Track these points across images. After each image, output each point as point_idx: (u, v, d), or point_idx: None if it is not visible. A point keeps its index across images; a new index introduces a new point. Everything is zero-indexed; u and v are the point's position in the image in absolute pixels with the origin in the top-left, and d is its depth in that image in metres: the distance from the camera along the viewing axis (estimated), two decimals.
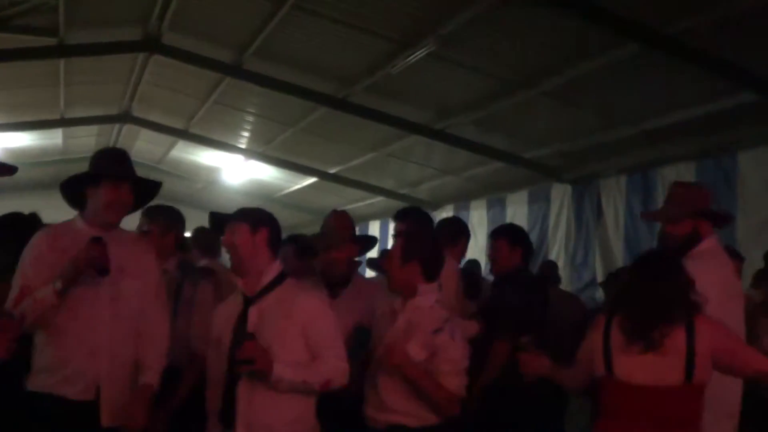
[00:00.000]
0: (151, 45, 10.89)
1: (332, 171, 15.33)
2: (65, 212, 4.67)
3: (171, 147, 17.08)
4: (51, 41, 10.01)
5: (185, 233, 5.99)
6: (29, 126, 14.64)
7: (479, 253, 10.64)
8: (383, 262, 5.87)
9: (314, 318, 4.28)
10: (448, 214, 14.26)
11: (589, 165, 10.68)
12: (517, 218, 12.14)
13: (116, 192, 4.45)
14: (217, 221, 4.50)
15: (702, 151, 8.90)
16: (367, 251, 5.88)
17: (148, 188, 4.78)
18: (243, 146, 15.56)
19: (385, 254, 6.39)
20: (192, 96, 13.15)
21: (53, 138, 16.16)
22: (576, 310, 7.87)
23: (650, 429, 3.72)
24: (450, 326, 4.49)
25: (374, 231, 16.53)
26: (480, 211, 13.59)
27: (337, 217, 5.59)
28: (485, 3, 7.24)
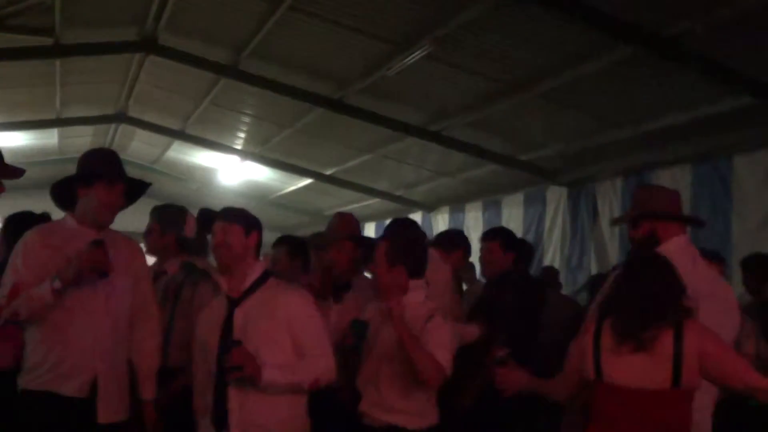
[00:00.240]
0: (147, 45, 10.89)
1: (328, 172, 15.33)
2: (61, 212, 4.68)
3: (167, 147, 17.06)
4: (47, 41, 10.00)
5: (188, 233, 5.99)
6: (25, 126, 14.63)
7: (474, 256, 10.63)
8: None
9: (297, 316, 4.32)
10: (444, 216, 14.30)
11: (585, 167, 10.67)
12: (513, 221, 12.14)
13: (110, 193, 4.50)
14: (208, 219, 4.52)
15: (698, 154, 8.89)
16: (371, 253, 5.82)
17: (138, 188, 4.80)
18: (239, 147, 15.56)
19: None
20: (188, 96, 13.15)
21: (49, 138, 16.15)
22: (577, 315, 7.86)
23: None
24: (440, 314, 4.57)
25: (370, 233, 16.51)
26: (475, 213, 13.58)
27: (338, 218, 5.60)
28: (481, 5, 7.24)
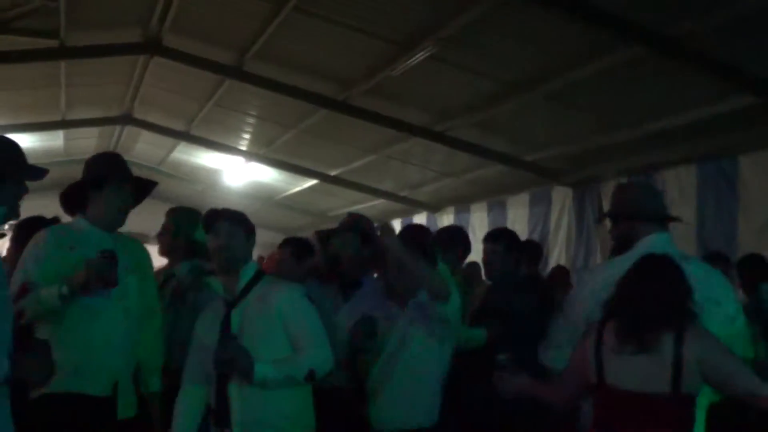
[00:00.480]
0: (152, 47, 10.91)
1: (333, 173, 15.32)
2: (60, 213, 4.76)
3: (172, 149, 17.09)
4: (52, 43, 10.02)
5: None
6: (30, 128, 14.62)
7: (479, 256, 10.62)
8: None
9: (289, 310, 4.35)
10: (449, 217, 14.29)
11: (590, 168, 10.66)
12: (518, 221, 12.14)
13: (123, 196, 4.65)
14: (210, 219, 4.56)
15: (703, 154, 8.89)
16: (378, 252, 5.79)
17: (144, 188, 4.90)
18: (244, 148, 15.57)
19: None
20: (193, 98, 13.16)
21: (54, 140, 16.17)
22: None
23: None
24: None
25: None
26: (481, 214, 13.57)
27: (349, 217, 5.62)
28: (485, 5, 7.23)
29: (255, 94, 11.86)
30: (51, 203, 4.84)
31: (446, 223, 14.20)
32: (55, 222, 5.56)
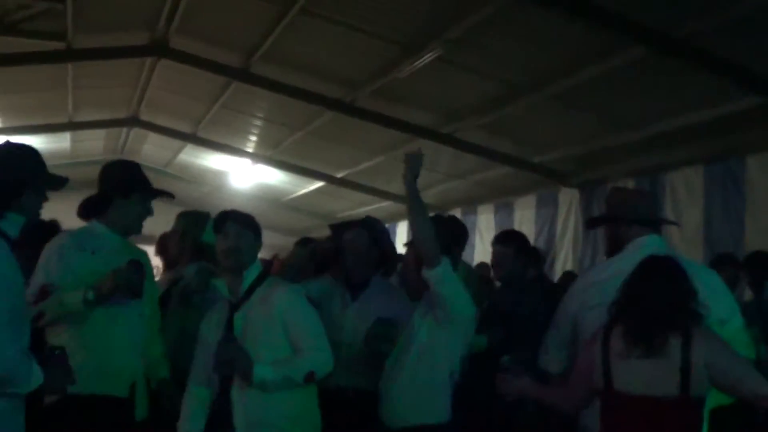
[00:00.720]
0: (159, 49, 10.93)
1: (340, 175, 15.34)
2: (73, 215, 4.83)
3: (179, 151, 17.11)
4: (59, 45, 10.05)
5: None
6: (37, 129, 14.68)
7: (488, 257, 10.61)
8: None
9: (289, 312, 4.37)
10: None
11: (597, 169, 10.66)
12: (525, 222, 12.13)
13: (147, 206, 4.76)
14: (219, 220, 4.60)
15: (710, 155, 8.87)
16: (386, 255, 5.75)
17: (159, 197, 4.99)
18: (250, 150, 15.59)
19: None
20: (200, 100, 13.18)
21: (61, 141, 16.20)
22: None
23: None
24: None
25: None
26: (487, 216, 13.56)
27: (364, 217, 5.63)
28: (492, 7, 7.24)
29: (262, 96, 11.87)
30: (58, 204, 4.84)
31: None
32: (55, 226, 5.69)
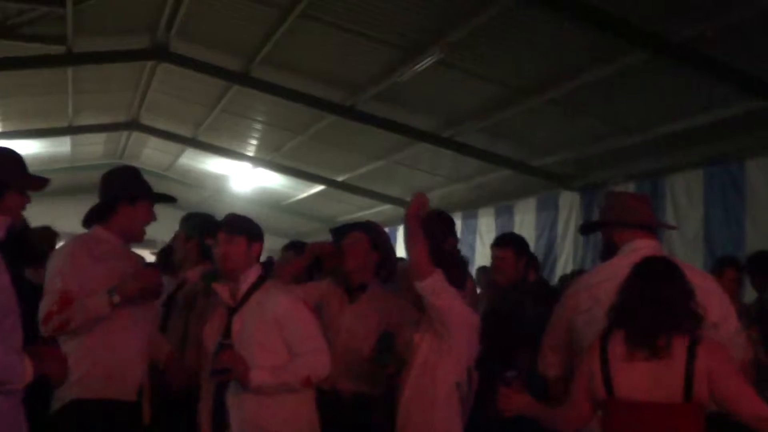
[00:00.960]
0: (159, 53, 10.93)
1: (340, 179, 15.34)
2: (73, 219, 4.85)
3: (179, 155, 17.12)
4: (59, 49, 10.04)
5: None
6: (38, 133, 14.68)
7: (488, 261, 10.60)
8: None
9: (286, 316, 4.39)
10: (456, 222, 14.21)
11: (598, 172, 10.66)
12: (526, 226, 12.12)
13: (151, 212, 4.80)
14: (211, 227, 4.62)
15: (710, 158, 8.87)
16: (386, 261, 5.73)
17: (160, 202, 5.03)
18: (251, 154, 15.59)
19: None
20: (200, 104, 13.18)
21: (61, 145, 16.20)
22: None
23: None
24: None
25: None
26: (488, 219, 13.56)
27: (364, 221, 5.64)
28: (492, 11, 7.24)
29: (262, 100, 11.87)
30: (58, 208, 4.87)
31: None
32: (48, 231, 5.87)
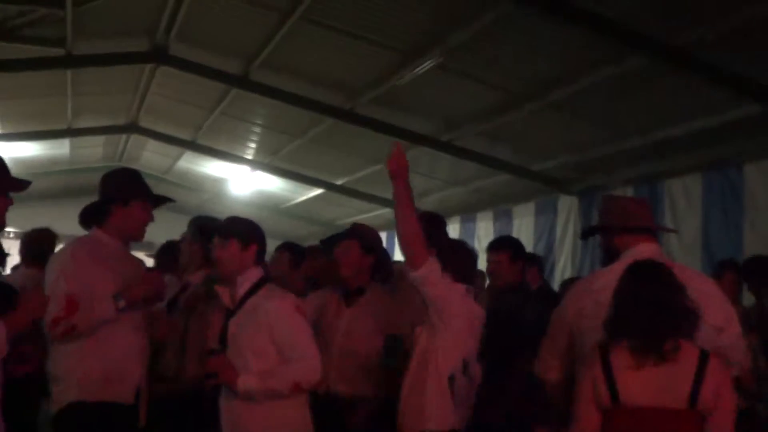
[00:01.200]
0: (159, 56, 10.93)
1: (339, 182, 15.35)
2: (72, 222, 4.87)
3: (178, 158, 17.11)
4: (58, 52, 10.05)
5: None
6: (37, 136, 14.69)
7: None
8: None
9: (278, 321, 4.38)
10: (455, 226, 14.26)
11: (596, 177, 10.67)
12: (524, 230, 12.13)
13: (147, 212, 4.82)
14: (207, 230, 4.65)
15: (708, 163, 8.88)
16: (381, 263, 5.74)
17: (160, 204, 5.06)
18: (250, 157, 15.59)
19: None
20: (199, 107, 13.18)
21: (60, 148, 16.20)
22: None
23: None
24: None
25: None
26: (486, 223, 13.57)
27: (351, 227, 5.63)
28: (492, 15, 7.25)
29: (261, 103, 11.88)
30: (57, 211, 4.89)
31: (452, 233, 14.19)
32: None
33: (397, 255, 6.01)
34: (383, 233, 16.88)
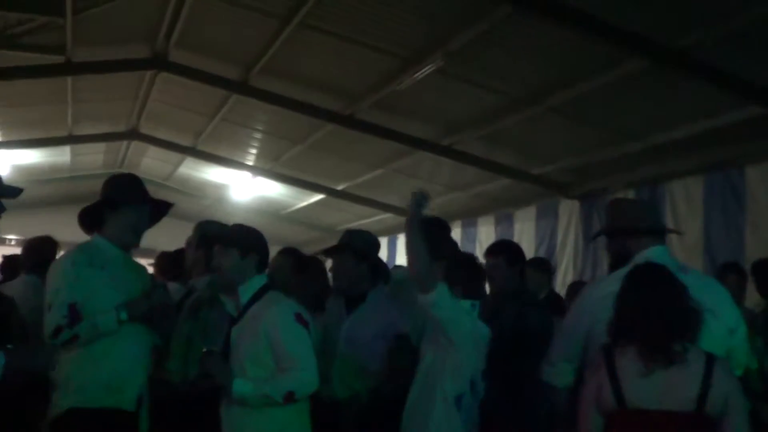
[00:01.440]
0: (159, 62, 10.94)
1: (339, 187, 15.34)
2: (73, 228, 4.87)
3: (179, 164, 17.11)
4: (59, 59, 10.05)
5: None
6: (37, 143, 14.70)
7: None
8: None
9: (275, 330, 4.36)
10: (456, 231, 14.23)
11: (597, 180, 10.65)
12: (525, 234, 12.12)
13: (139, 217, 4.82)
14: (207, 239, 4.66)
15: (710, 165, 8.87)
16: (376, 266, 5.74)
17: (161, 208, 5.07)
18: (250, 163, 15.60)
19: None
20: (199, 113, 13.18)
21: (61, 155, 16.21)
22: None
23: None
24: None
25: (382, 247, 16.49)
26: (488, 227, 13.55)
27: (343, 235, 5.62)
28: (492, 19, 7.24)
29: (261, 109, 11.88)
30: (59, 218, 4.89)
31: (453, 238, 14.16)
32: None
33: (399, 259, 6.03)
34: (384, 238, 17.00)
